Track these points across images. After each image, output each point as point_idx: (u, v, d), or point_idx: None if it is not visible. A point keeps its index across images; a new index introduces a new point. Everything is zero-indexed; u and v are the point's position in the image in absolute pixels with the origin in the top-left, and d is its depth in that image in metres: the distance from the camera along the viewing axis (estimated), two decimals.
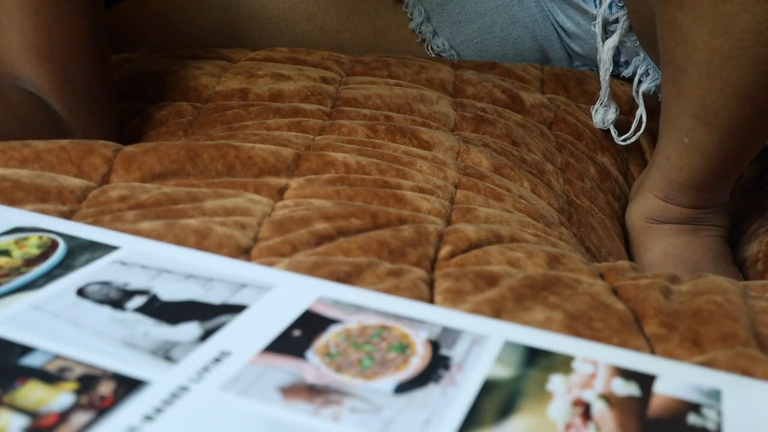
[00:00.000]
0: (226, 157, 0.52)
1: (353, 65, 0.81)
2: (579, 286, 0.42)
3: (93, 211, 0.46)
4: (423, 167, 0.58)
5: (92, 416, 0.28)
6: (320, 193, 0.50)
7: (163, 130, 0.68)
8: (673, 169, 0.65)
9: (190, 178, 0.51)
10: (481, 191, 0.57)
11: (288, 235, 0.44)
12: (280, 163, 0.53)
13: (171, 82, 0.73)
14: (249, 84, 0.73)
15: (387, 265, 0.42)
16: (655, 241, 0.71)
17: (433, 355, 0.34)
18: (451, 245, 0.46)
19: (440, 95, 0.76)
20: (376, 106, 0.71)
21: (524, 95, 0.80)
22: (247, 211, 0.47)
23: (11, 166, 0.49)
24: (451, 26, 0.91)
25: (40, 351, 0.32)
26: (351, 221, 0.46)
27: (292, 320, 0.36)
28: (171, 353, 0.33)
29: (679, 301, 0.41)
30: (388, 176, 0.54)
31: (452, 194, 0.55)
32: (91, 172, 0.50)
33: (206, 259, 0.41)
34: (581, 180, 0.72)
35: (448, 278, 0.41)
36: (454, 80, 0.81)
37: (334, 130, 0.65)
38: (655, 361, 0.35)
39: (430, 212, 0.51)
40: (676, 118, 0.61)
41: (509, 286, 0.41)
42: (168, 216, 0.45)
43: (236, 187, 0.50)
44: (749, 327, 0.38)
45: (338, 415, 0.30)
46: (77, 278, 0.38)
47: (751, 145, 0.62)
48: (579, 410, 0.31)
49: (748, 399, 0.32)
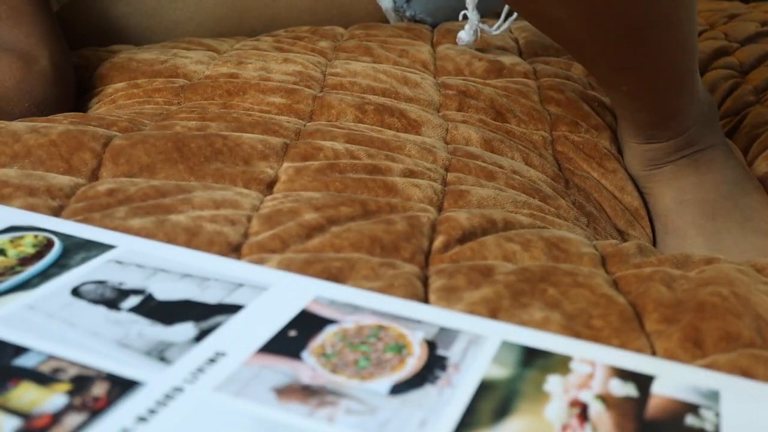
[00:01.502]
0: (214, 145, 0.53)
1: (337, 54, 0.82)
2: (578, 277, 0.41)
3: (82, 206, 0.46)
4: (412, 151, 0.58)
5: (85, 418, 0.28)
6: (309, 185, 0.50)
7: (157, 96, 0.69)
8: (632, 113, 0.66)
9: (178, 165, 0.51)
10: (472, 171, 0.57)
11: (277, 228, 0.44)
12: (269, 150, 0.54)
13: (161, 69, 0.74)
14: (238, 69, 0.73)
15: (380, 261, 0.42)
16: (662, 188, 0.69)
17: (429, 356, 0.34)
18: (445, 235, 0.45)
19: (423, 76, 0.77)
20: (363, 90, 0.72)
21: (503, 59, 0.82)
22: (236, 204, 0.46)
23: (2, 162, 0.50)
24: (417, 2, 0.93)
25: (33, 352, 0.32)
26: (341, 210, 0.46)
27: (287, 320, 0.35)
28: (165, 354, 0.32)
29: (683, 290, 0.40)
30: (378, 160, 0.54)
31: (443, 177, 0.55)
32: (81, 167, 0.50)
33: (202, 259, 0.40)
34: (576, 128, 0.72)
35: (442, 275, 0.41)
36: (434, 59, 0.83)
37: (324, 112, 0.65)
38: (653, 361, 0.35)
39: (421, 200, 0.51)
40: (602, 76, 0.63)
41: (505, 281, 0.40)
42: (157, 211, 0.45)
43: (225, 180, 0.50)
44: (753, 323, 0.37)
45: (333, 416, 0.29)
46: (72, 277, 0.38)
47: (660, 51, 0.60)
48: (576, 411, 0.31)
49: (747, 400, 0.32)
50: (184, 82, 0.71)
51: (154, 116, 0.62)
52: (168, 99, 0.68)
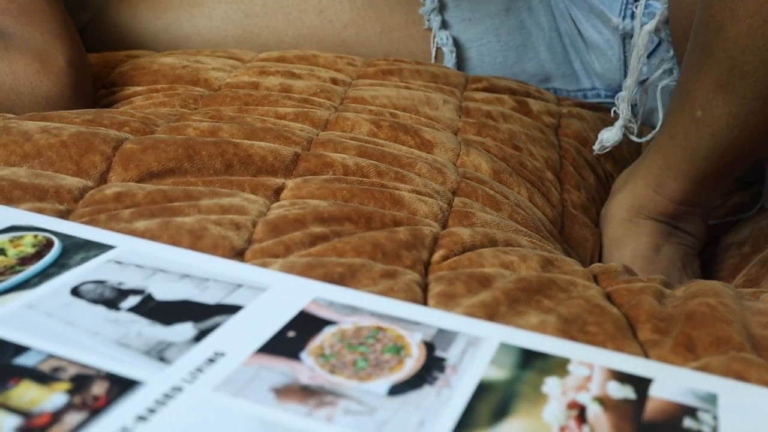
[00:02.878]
0: (225, 155, 0.52)
1: (366, 68, 0.81)
2: (573, 288, 0.42)
3: (89, 210, 0.45)
4: (422, 170, 0.58)
5: (85, 416, 0.28)
6: (316, 193, 0.50)
7: (176, 99, 0.68)
8: (676, 148, 0.64)
9: (188, 176, 0.51)
10: (479, 198, 0.57)
11: (282, 236, 0.44)
12: (279, 163, 0.53)
13: (182, 74, 0.73)
14: (260, 78, 0.73)
15: (381, 267, 0.42)
16: (629, 238, 0.70)
17: (427, 357, 0.34)
18: (446, 249, 0.46)
19: (447, 99, 0.76)
20: (383, 104, 0.71)
21: (531, 102, 0.80)
22: (242, 209, 0.46)
23: (12, 161, 0.49)
24: (460, 23, 0.91)
25: (33, 351, 0.32)
26: (345, 225, 0.46)
27: (286, 321, 0.36)
28: (165, 353, 0.32)
29: (673, 305, 0.41)
30: (386, 179, 0.54)
31: (450, 200, 0.55)
32: (90, 170, 0.50)
33: (201, 259, 0.40)
34: (578, 190, 0.72)
35: (441, 281, 0.41)
36: (464, 89, 0.81)
37: (339, 123, 0.65)
38: (651, 364, 0.35)
39: (426, 215, 0.50)
40: (694, 89, 0.60)
41: (503, 288, 0.40)
42: (163, 214, 0.45)
43: (233, 186, 0.50)
44: (743, 330, 0.38)
45: (332, 417, 0.30)
46: (72, 277, 0.38)
47: (761, 137, 0.61)
48: (574, 413, 0.31)
49: (744, 403, 0.32)
50: (203, 90, 0.71)
51: (168, 116, 0.61)
52: (185, 103, 0.67)
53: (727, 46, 0.56)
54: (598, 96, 0.90)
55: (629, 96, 0.75)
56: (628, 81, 0.75)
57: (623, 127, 0.75)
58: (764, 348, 0.36)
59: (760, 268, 0.63)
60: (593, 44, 0.86)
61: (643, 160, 0.70)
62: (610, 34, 0.83)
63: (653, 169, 0.68)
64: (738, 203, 0.78)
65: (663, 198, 0.68)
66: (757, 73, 0.56)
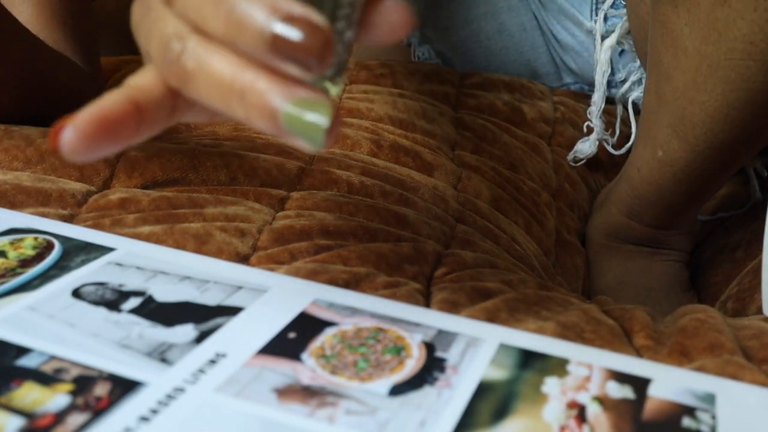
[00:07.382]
0: (230, 166, 0.52)
1: (358, 70, 0.81)
2: (570, 305, 0.42)
3: (93, 215, 0.45)
4: (426, 195, 0.57)
5: (88, 417, 0.28)
6: (322, 204, 0.50)
7: None
8: (642, 182, 0.63)
9: (192, 186, 0.51)
10: (479, 229, 0.56)
11: (287, 245, 0.44)
12: (283, 177, 0.53)
13: None
14: None
15: (384, 277, 0.42)
16: (611, 263, 0.69)
17: (428, 357, 0.34)
18: (448, 267, 0.46)
19: (442, 110, 0.76)
20: (378, 117, 0.71)
21: (525, 108, 0.80)
22: (247, 218, 0.46)
23: (15, 167, 0.49)
24: (438, 32, 0.90)
25: (35, 352, 0.32)
26: (350, 240, 0.46)
27: (287, 322, 0.36)
28: (166, 355, 0.33)
29: (665, 325, 0.41)
30: (390, 201, 0.54)
31: (453, 226, 0.55)
32: (93, 177, 0.50)
33: (202, 262, 0.41)
34: (571, 209, 0.72)
35: (444, 291, 0.42)
36: (457, 92, 0.80)
37: (339, 141, 0.64)
38: (650, 364, 0.35)
39: (429, 236, 0.50)
40: (654, 128, 0.59)
41: (503, 299, 0.41)
42: (168, 220, 0.45)
43: (237, 195, 0.50)
44: (734, 339, 0.38)
45: (333, 417, 0.30)
46: (73, 279, 0.38)
47: (724, 170, 0.60)
48: (573, 413, 0.31)
49: (743, 403, 0.32)
50: None
51: (169, 132, 0.60)
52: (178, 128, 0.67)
53: (677, 95, 0.54)
54: (583, 89, 0.90)
55: (598, 111, 0.75)
56: (595, 96, 0.75)
57: (597, 141, 0.74)
58: (754, 356, 0.37)
59: (753, 277, 0.63)
60: (567, 46, 0.86)
61: (616, 184, 0.69)
62: (584, 36, 0.83)
63: (624, 197, 0.66)
64: (730, 193, 0.77)
65: (638, 224, 0.67)
66: (704, 125, 0.54)
